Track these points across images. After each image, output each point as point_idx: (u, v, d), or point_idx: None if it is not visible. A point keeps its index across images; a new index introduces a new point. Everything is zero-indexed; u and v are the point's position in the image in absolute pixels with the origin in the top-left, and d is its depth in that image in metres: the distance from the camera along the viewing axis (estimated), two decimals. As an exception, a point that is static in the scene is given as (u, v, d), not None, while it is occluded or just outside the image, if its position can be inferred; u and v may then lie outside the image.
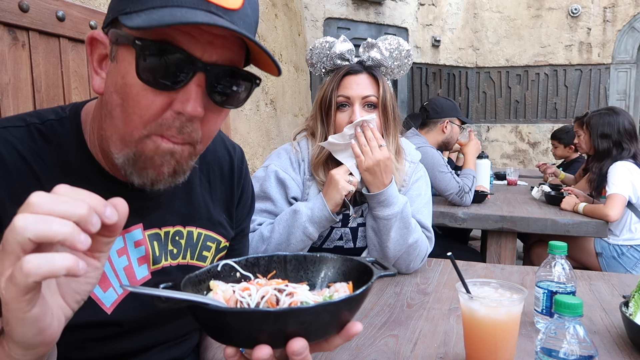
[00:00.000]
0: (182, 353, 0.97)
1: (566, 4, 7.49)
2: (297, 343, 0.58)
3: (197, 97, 0.69)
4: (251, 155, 3.31)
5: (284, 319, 0.58)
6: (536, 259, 3.21)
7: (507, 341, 0.88)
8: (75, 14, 1.16)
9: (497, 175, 4.62)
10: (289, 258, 0.79)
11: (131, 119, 0.70)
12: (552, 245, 1.09)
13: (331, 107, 1.51)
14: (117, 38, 0.69)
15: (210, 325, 0.62)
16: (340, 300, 0.61)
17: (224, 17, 0.68)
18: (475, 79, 8.06)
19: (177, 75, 0.68)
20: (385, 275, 0.71)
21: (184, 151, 0.74)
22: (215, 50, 0.69)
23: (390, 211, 1.43)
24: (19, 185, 0.72)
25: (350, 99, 1.50)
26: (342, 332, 0.64)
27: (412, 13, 7.41)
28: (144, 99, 0.68)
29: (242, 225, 1.06)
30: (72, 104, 0.84)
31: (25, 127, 0.76)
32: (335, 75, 1.54)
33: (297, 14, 4.56)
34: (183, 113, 0.69)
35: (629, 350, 1.01)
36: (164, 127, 0.70)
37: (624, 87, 7.41)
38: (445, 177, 2.77)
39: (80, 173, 0.78)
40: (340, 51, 1.53)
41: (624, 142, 2.89)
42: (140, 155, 0.72)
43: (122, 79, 0.69)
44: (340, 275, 0.77)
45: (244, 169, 1.06)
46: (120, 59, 0.70)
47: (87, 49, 0.75)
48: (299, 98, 4.51)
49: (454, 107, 3.12)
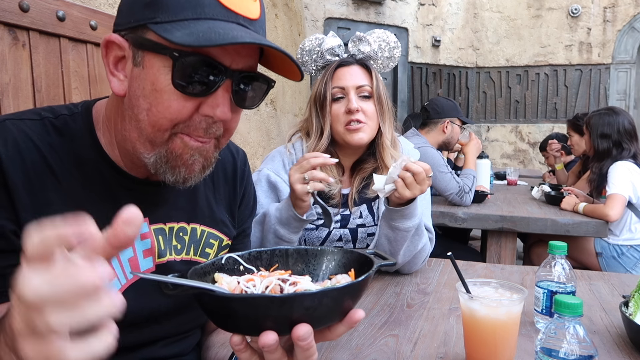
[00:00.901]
0: (182, 350, 0.98)
1: (566, 4, 7.49)
2: (302, 328, 0.59)
3: (225, 102, 0.75)
4: (251, 155, 3.31)
5: (289, 304, 0.59)
6: (536, 258, 3.21)
7: (507, 341, 0.88)
8: (76, 14, 1.16)
9: (497, 175, 4.63)
10: (290, 252, 0.81)
11: (161, 123, 0.73)
12: (552, 245, 1.09)
13: (326, 99, 1.52)
14: (143, 44, 0.72)
15: (217, 312, 0.63)
16: (344, 287, 0.62)
17: (249, 28, 0.74)
18: (476, 79, 8.06)
19: (207, 82, 0.72)
20: (385, 265, 0.73)
21: (211, 146, 0.79)
22: (242, 58, 0.75)
23: (412, 223, 1.36)
24: (33, 174, 0.74)
25: (345, 89, 1.51)
26: (345, 320, 0.65)
27: (412, 13, 7.41)
28: (176, 103, 0.72)
29: (244, 225, 1.10)
30: (84, 102, 0.87)
31: (39, 120, 0.79)
32: (328, 68, 1.55)
33: (297, 14, 4.56)
34: (212, 117, 0.74)
35: (629, 350, 1.01)
36: (192, 128, 0.75)
37: (624, 87, 7.40)
38: (445, 177, 2.77)
39: (91, 166, 0.81)
40: (331, 46, 1.55)
41: (624, 142, 2.89)
42: (171, 153, 0.76)
43: (151, 84, 0.72)
44: (341, 268, 0.79)
45: (247, 171, 1.10)
46: (148, 65, 0.72)
47: (103, 51, 0.77)
48: (299, 98, 4.51)
49: (455, 107, 3.12)
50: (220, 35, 0.67)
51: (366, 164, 1.59)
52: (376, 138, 1.57)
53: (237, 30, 0.70)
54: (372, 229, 1.59)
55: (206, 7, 0.70)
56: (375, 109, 1.52)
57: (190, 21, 0.69)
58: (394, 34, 1.61)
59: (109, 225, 0.53)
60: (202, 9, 0.70)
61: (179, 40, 0.66)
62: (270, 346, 0.58)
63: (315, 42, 1.59)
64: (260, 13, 0.77)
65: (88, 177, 0.80)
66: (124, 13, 0.76)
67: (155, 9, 0.70)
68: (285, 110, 4.07)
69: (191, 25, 0.69)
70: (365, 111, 1.51)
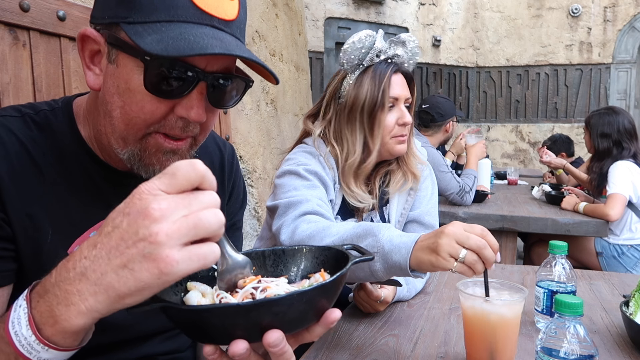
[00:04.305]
0: (180, 345, 0.99)
1: (566, 4, 7.48)
2: (272, 335, 0.57)
3: (200, 104, 0.73)
4: (251, 155, 3.31)
5: (256, 311, 0.57)
6: (536, 258, 3.21)
7: (508, 340, 0.89)
8: (76, 14, 1.16)
9: (498, 174, 4.63)
10: (267, 253, 0.79)
11: (134, 122, 0.73)
12: (553, 244, 1.09)
13: (380, 107, 1.38)
14: (117, 43, 0.71)
15: (185, 325, 0.61)
16: (312, 289, 0.60)
17: (225, 30, 0.72)
18: (476, 78, 8.06)
19: (181, 84, 0.71)
20: (362, 261, 0.71)
21: (185, 145, 0.78)
22: (217, 61, 0.73)
23: None
24: (18, 167, 0.75)
25: (398, 100, 1.41)
26: (321, 320, 0.63)
27: (413, 13, 7.41)
28: (149, 104, 0.71)
29: (234, 219, 1.09)
30: (64, 97, 0.87)
31: (20, 117, 0.79)
32: (381, 73, 1.39)
33: (297, 14, 4.56)
34: (188, 119, 0.73)
35: (629, 349, 1.01)
36: (167, 128, 0.74)
37: (625, 86, 7.40)
38: (445, 176, 2.78)
39: (73, 159, 0.81)
40: (382, 47, 1.40)
41: (624, 141, 2.89)
42: (144, 152, 0.75)
43: (125, 83, 0.71)
44: (320, 265, 0.77)
45: (235, 164, 1.09)
46: (121, 64, 0.72)
47: (78, 44, 0.76)
48: (299, 98, 4.51)
49: (452, 105, 3.27)
50: (190, 43, 0.66)
51: (381, 168, 1.51)
52: None
53: (208, 36, 0.68)
54: None
55: (179, 8, 0.69)
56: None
57: (162, 24, 0.68)
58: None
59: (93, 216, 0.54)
60: (175, 10, 0.68)
61: (149, 48, 0.65)
62: (240, 355, 0.57)
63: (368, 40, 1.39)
64: (238, 13, 0.75)
65: (71, 171, 0.80)
66: (99, 6, 0.75)
67: (129, 8, 0.69)
68: (285, 110, 4.07)
69: (163, 29, 0.67)
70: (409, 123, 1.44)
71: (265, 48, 3.61)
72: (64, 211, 0.78)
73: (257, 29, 3.45)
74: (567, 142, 4.80)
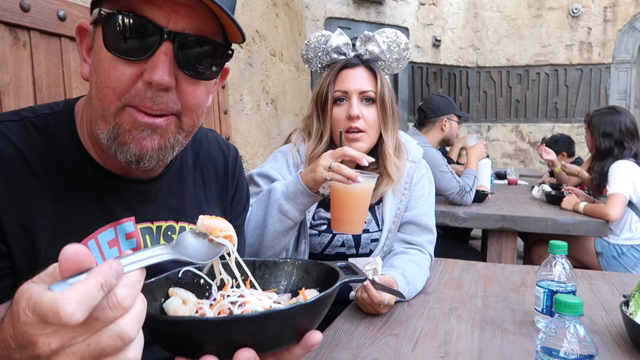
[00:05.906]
0: None
1: (567, 4, 7.48)
2: (243, 354, 0.55)
3: (165, 65, 0.70)
4: (252, 155, 3.31)
5: (227, 327, 0.55)
6: (537, 258, 3.21)
7: (361, 207, 1.26)
8: (77, 14, 1.16)
9: (498, 174, 4.62)
10: (258, 264, 0.77)
11: (106, 94, 0.71)
12: (553, 244, 1.09)
13: (327, 101, 1.46)
14: (96, 20, 0.72)
15: (155, 335, 0.59)
16: (289, 308, 0.57)
17: None
18: (476, 78, 8.06)
19: (143, 44, 0.69)
20: (353, 281, 0.68)
21: (169, 125, 0.74)
22: (181, 19, 0.70)
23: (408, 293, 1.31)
24: (13, 177, 0.73)
25: (348, 94, 1.45)
26: (301, 342, 0.61)
27: (413, 12, 7.40)
28: (114, 70, 0.69)
29: (237, 222, 1.09)
30: (66, 100, 0.86)
31: (19, 121, 0.77)
32: (331, 69, 1.49)
33: (297, 14, 4.56)
34: (152, 82, 0.69)
35: (629, 349, 1.01)
36: (137, 98, 0.71)
37: (625, 86, 7.40)
38: (445, 176, 2.77)
39: (72, 165, 0.79)
40: (337, 45, 1.49)
41: (626, 141, 2.89)
42: (119, 128, 0.72)
43: (96, 55, 0.71)
44: (311, 282, 0.74)
45: (238, 167, 1.08)
46: (96, 37, 0.72)
47: (77, 38, 0.77)
48: (299, 97, 4.51)
49: (450, 103, 3.17)
50: None
51: (368, 169, 1.50)
52: (378, 145, 1.51)
53: None
54: (375, 234, 1.52)
55: None
56: (378, 115, 1.46)
57: None
58: (404, 34, 1.54)
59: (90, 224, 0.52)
60: None
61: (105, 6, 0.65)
62: None
63: (322, 39, 1.52)
64: None
65: (69, 176, 0.78)
66: None
67: None
68: (285, 109, 4.07)
69: None
70: (366, 118, 1.44)
71: (265, 48, 3.61)
72: (61, 218, 0.77)
73: (257, 29, 3.45)
74: (568, 142, 4.80)
